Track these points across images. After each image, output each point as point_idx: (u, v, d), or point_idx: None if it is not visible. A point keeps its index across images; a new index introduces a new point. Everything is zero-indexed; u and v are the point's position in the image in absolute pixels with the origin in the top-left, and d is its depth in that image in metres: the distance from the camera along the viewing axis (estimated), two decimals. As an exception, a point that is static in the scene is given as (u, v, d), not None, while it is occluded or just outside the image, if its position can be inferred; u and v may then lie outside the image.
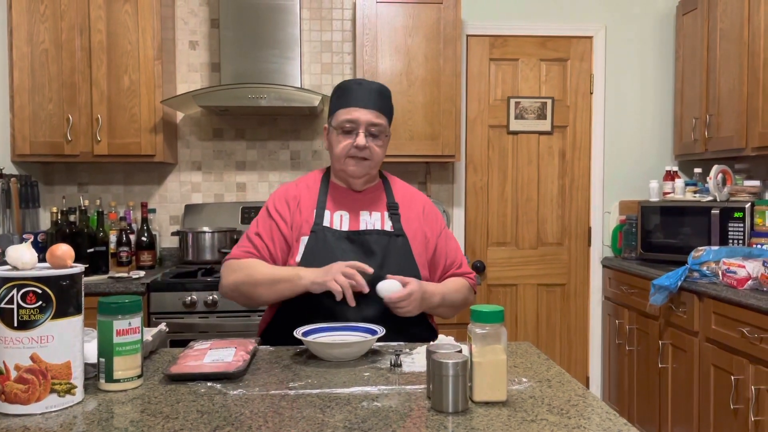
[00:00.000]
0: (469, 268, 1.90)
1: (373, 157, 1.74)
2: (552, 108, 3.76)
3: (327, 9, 3.63)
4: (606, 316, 3.73)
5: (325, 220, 1.75)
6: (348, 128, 1.72)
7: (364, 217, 1.77)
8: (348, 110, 1.72)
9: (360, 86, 1.75)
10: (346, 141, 1.73)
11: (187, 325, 2.87)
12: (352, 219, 1.77)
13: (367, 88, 1.75)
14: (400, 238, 1.75)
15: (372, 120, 1.72)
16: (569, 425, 1.11)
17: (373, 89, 1.75)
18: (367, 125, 1.72)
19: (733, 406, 2.47)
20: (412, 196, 1.87)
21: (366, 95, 1.73)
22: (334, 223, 1.75)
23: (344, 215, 1.77)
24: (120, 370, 1.28)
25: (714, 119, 3.27)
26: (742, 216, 2.92)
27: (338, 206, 1.78)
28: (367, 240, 1.72)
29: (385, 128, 1.76)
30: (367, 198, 1.81)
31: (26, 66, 3.10)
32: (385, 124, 1.76)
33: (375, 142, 1.74)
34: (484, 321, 1.20)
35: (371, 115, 1.72)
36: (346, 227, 1.75)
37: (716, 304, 2.61)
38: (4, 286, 1.15)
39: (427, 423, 1.11)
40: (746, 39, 2.99)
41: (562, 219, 3.81)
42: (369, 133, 1.73)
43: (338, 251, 1.69)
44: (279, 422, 1.12)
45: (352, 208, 1.78)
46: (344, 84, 1.78)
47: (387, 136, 1.79)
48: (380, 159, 1.78)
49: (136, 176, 3.58)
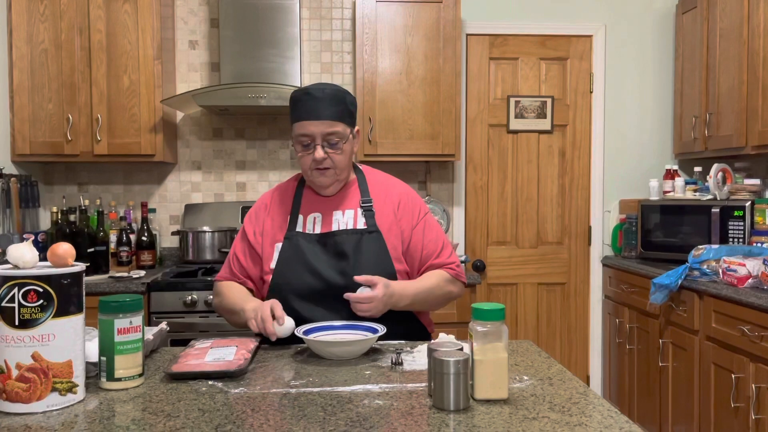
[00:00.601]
0: (455, 257, 1.84)
1: (336, 165, 1.71)
2: (552, 107, 3.76)
3: (327, 8, 3.63)
4: (606, 315, 3.73)
5: (298, 225, 1.76)
6: (305, 142, 1.69)
7: (336, 217, 1.77)
8: (301, 124, 1.68)
9: (309, 96, 1.68)
10: (307, 155, 1.70)
11: (187, 325, 2.87)
12: (325, 220, 1.77)
13: (316, 96, 1.67)
14: (373, 234, 1.74)
15: (326, 130, 1.67)
16: (571, 423, 1.11)
17: (324, 97, 1.67)
18: (322, 137, 1.67)
19: (734, 404, 2.47)
20: (388, 189, 1.83)
21: (316, 105, 1.66)
22: (307, 226, 1.76)
23: (317, 217, 1.77)
24: (121, 369, 1.29)
25: (714, 118, 3.27)
26: (742, 214, 2.92)
27: (311, 209, 1.79)
28: (337, 241, 1.72)
29: (343, 134, 1.70)
30: (338, 197, 1.80)
31: (26, 66, 3.10)
32: (342, 129, 1.69)
33: (335, 151, 1.69)
34: (485, 319, 1.20)
35: (324, 125, 1.67)
36: (319, 229, 1.76)
37: (717, 303, 2.61)
38: (6, 284, 1.15)
39: (428, 421, 1.11)
40: (746, 38, 2.99)
41: (562, 218, 3.81)
42: (327, 143, 1.68)
43: (310, 255, 1.71)
44: (280, 420, 1.12)
45: (324, 210, 1.78)
46: (295, 95, 1.71)
47: (350, 138, 1.73)
48: (345, 164, 1.74)
49: (136, 176, 3.58)
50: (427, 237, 1.80)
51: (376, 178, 1.86)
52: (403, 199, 1.82)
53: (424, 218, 1.82)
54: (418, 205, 1.83)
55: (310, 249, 1.72)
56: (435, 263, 1.80)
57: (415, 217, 1.81)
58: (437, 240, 1.82)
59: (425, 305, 1.78)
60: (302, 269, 1.70)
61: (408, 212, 1.81)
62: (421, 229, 1.80)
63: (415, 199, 1.85)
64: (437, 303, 1.80)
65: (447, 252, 1.83)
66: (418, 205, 1.84)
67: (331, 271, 1.69)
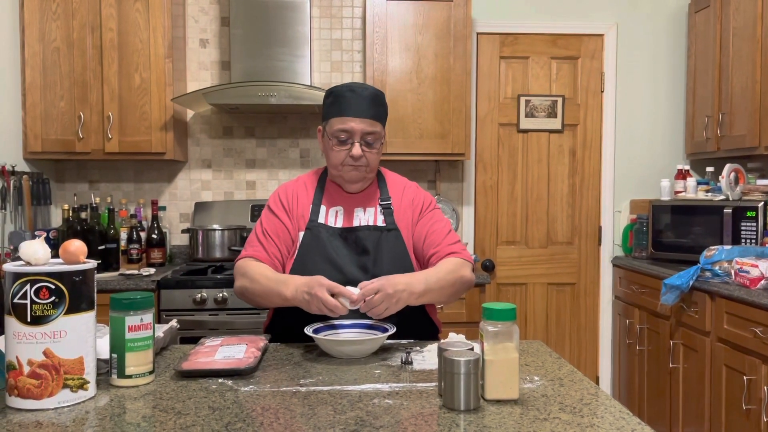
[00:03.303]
0: (461, 245, 1.80)
1: (370, 164, 1.74)
2: (562, 106, 3.74)
3: (337, 7, 3.63)
4: (616, 316, 3.71)
5: (320, 217, 1.77)
6: (343, 138, 1.71)
7: (358, 214, 1.79)
8: (342, 119, 1.70)
9: (353, 94, 1.71)
10: (342, 150, 1.71)
11: (197, 322, 2.88)
12: (347, 215, 1.78)
13: (361, 95, 1.71)
14: (392, 232, 1.75)
15: (367, 129, 1.70)
16: (582, 424, 1.10)
17: (367, 96, 1.71)
18: (362, 134, 1.70)
19: (746, 406, 2.45)
20: (403, 189, 1.86)
21: (360, 103, 1.70)
22: (329, 219, 1.77)
23: (339, 211, 1.79)
24: (132, 366, 1.29)
25: (726, 118, 3.25)
26: (754, 215, 2.89)
27: (334, 202, 1.80)
28: (359, 236, 1.73)
29: (380, 135, 1.74)
30: (361, 195, 1.82)
31: (38, 64, 3.12)
32: (380, 130, 1.74)
33: (370, 150, 1.72)
34: (496, 319, 1.20)
35: (365, 124, 1.70)
36: (341, 223, 1.77)
37: (728, 304, 2.59)
38: (18, 281, 1.15)
39: (438, 421, 1.11)
40: (759, 37, 2.96)
41: (572, 218, 3.79)
42: (364, 141, 1.71)
43: (331, 248, 1.71)
44: (290, 419, 1.12)
45: (347, 205, 1.80)
46: (337, 91, 1.73)
47: (382, 141, 1.77)
48: (376, 164, 1.78)
49: (146, 174, 3.59)
50: (434, 226, 1.80)
51: (394, 179, 1.88)
52: (416, 198, 1.84)
53: (431, 211, 1.84)
54: (428, 201, 1.86)
55: (331, 242, 1.72)
56: (440, 248, 1.77)
57: (425, 211, 1.83)
58: (443, 229, 1.81)
59: (441, 293, 1.68)
60: (323, 261, 1.70)
61: (419, 208, 1.83)
62: (428, 219, 1.82)
63: (426, 197, 1.88)
64: (453, 288, 1.70)
65: (453, 238, 1.80)
66: (429, 201, 1.87)
67: (352, 266, 1.70)
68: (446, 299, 1.73)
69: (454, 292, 1.72)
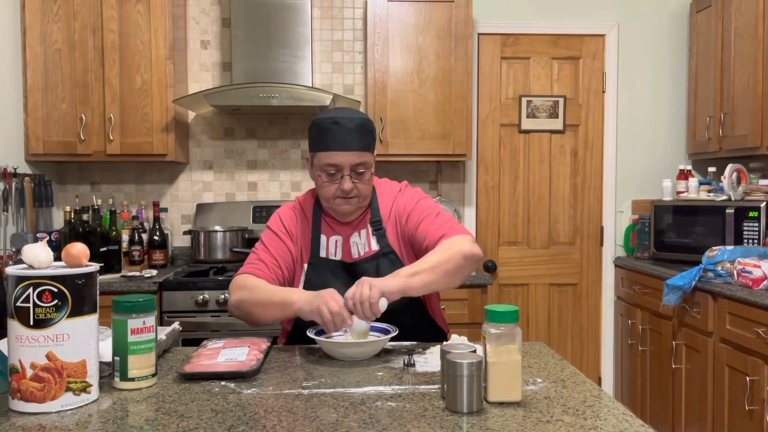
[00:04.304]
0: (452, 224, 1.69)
1: (361, 194, 1.68)
2: (564, 107, 3.74)
3: (338, 8, 3.63)
4: (618, 316, 3.71)
5: (321, 249, 1.74)
6: (332, 172, 1.65)
7: (354, 240, 1.75)
8: (329, 154, 1.63)
9: (338, 126, 1.63)
10: (332, 185, 1.66)
11: (199, 324, 2.88)
12: (345, 244, 1.75)
13: (346, 127, 1.63)
14: (388, 256, 1.72)
15: (355, 161, 1.64)
16: (585, 426, 1.10)
17: (352, 128, 1.63)
18: (351, 167, 1.64)
19: (748, 407, 2.45)
20: (392, 201, 1.78)
21: (345, 135, 1.62)
22: (330, 250, 1.75)
23: (338, 240, 1.75)
24: (134, 369, 1.29)
25: (728, 118, 3.24)
26: (757, 215, 2.89)
27: (332, 231, 1.76)
28: (359, 270, 1.70)
29: (369, 164, 1.67)
30: (355, 220, 1.77)
31: (39, 66, 3.12)
32: (369, 159, 1.67)
33: (361, 180, 1.66)
34: (498, 321, 1.20)
35: (353, 156, 1.63)
36: (340, 254, 1.74)
37: (731, 304, 2.59)
38: (21, 284, 1.15)
39: (441, 423, 1.11)
40: (761, 36, 2.96)
41: (573, 218, 3.79)
42: (354, 173, 1.65)
43: (335, 283, 1.65)
44: (293, 421, 1.11)
45: (343, 232, 1.76)
46: (322, 123, 1.65)
47: (372, 168, 1.70)
48: (369, 193, 1.71)
49: (148, 175, 3.59)
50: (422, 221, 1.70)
51: (385, 193, 1.80)
52: (398, 206, 1.76)
53: (414, 206, 1.74)
54: (411, 202, 1.76)
55: (335, 278, 1.70)
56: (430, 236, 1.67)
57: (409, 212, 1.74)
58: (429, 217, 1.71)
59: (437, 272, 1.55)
60: None
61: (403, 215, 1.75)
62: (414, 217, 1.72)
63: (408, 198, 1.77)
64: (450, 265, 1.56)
65: (441, 220, 1.70)
66: (411, 201, 1.76)
67: None
68: (448, 279, 1.57)
69: (454, 269, 1.57)
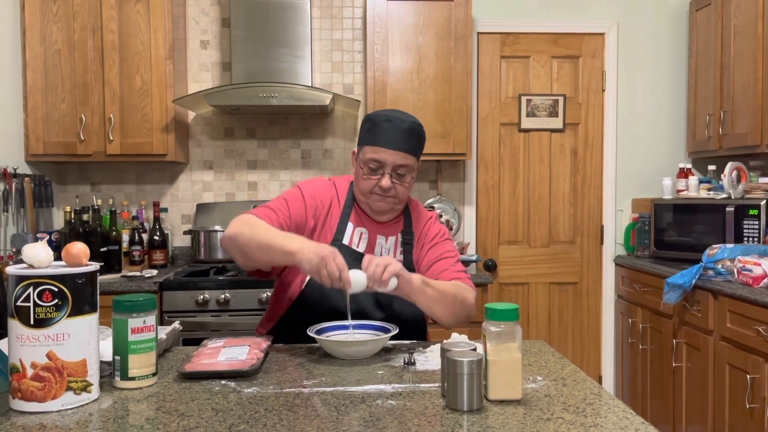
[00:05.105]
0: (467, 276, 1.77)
1: (399, 195, 1.69)
2: (564, 105, 3.74)
3: (338, 7, 3.63)
4: (619, 315, 3.71)
5: (345, 236, 1.73)
6: (374, 167, 1.67)
7: (380, 241, 1.76)
8: (375, 149, 1.66)
9: (390, 124, 1.66)
10: (372, 180, 1.68)
11: (199, 324, 2.88)
12: (369, 241, 1.75)
13: (398, 127, 1.65)
14: None
15: (399, 162, 1.65)
16: (585, 424, 1.10)
17: (404, 129, 1.66)
18: (393, 166, 1.66)
19: (749, 405, 2.45)
20: (425, 222, 1.83)
21: (395, 135, 1.65)
22: (354, 239, 1.74)
23: (364, 233, 1.75)
24: (135, 368, 1.29)
25: (728, 116, 3.24)
26: (757, 213, 2.89)
27: (360, 223, 1.76)
28: None
29: (412, 168, 1.69)
30: (386, 223, 1.78)
31: (39, 66, 3.13)
32: (413, 164, 1.69)
33: (401, 182, 1.68)
34: (499, 319, 1.20)
35: (398, 156, 1.65)
36: (363, 247, 1.74)
37: (731, 303, 2.59)
38: (21, 284, 1.16)
39: (442, 421, 1.11)
40: (760, 34, 2.96)
41: (574, 217, 3.79)
42: (395, 173, 1.67)
43: None
44: (294, 420, 1.12)
45: (371, 229, 1.76)
46: (375, 118, 1.69)
47: (414, 175, 1.72)
48: (406, 197, 1.73)
49: (148, 175, 3.59)
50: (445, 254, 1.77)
51: (419, 212, 1.84)
52: (431, 231, 1.81)
53: (444, 241, 1.80)
54: (443, 232, 1.82)
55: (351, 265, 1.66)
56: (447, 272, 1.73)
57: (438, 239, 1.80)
58: (453, 258, 1.78)
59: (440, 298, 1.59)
60: None
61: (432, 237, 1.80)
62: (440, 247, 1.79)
63: (441, 228, 1.84)
64: (453, 300, 1.62)
65: (460, 267, 1.78)
66: (443, 232, 1.83)
67: (367, 296, 1.65)
68: (446, 311, 1.61)
69: (455, 306, 1.62)
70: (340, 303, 1.62)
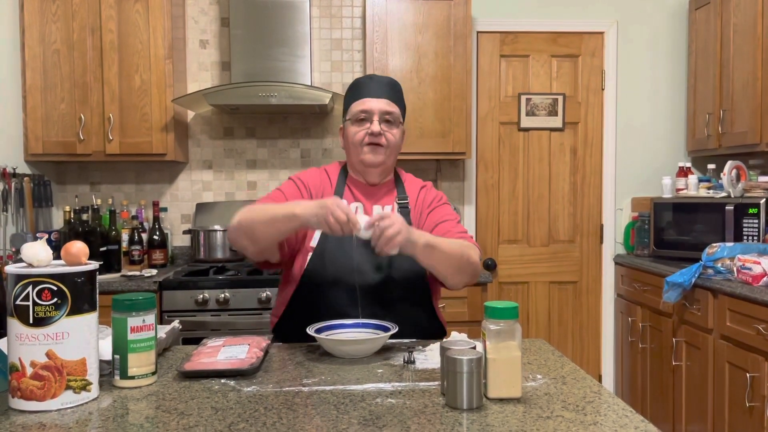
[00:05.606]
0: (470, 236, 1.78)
1: (389, 143, 1.77)
2: (563, 104, 3.74)
3: (337, 6, 3.63)
4: (619, 314, 3.71)
5: None
6: (362, 117, 1.76)
7: (376, 210, 1.80)
8: (361, 101, 1.77)
9: (371, 80, 1.81)
10: (361, 130, 1.76)
11: (199, 323, 2.88)
12: (367, 211, 1.80)
13: (378, 80, 1.81)
14: None
15: (385, 108, 1.76)
16: (585, 422, 1.10)
17: (384, 82, 1.81)
18: (380, 113, 1.76)
19: (749, 403, 2.45)
20: (419, 189, 1.88)
21: (377, 87, 1.79)
22: None
23: (359, 207, 1.81)
24: (134, 367, 1.29)
25: (727, 115, 3.24)
26: (756, 212, 2.89)
27: (354, 197, 1.82)
28: None
29: (398, 117, 1.79)
30: (381, 191, 1.84)
31: (38, 66, 3.12)
32: (398, 112, 1.79)
33: (390, 129, 1.77)
34: (498, 317, 1.20)
35: (383, 103, 1.76)
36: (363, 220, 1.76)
37: (731, 301, 2.59)
38: (20, 283, 1.15)
39: (441, 420, 1.11)
40: (760, 33, 2.96)
41: (573, 216, 3.79)
42: (383, 120, 1.76)
43: (349, 245, 1.71)
44: (293, 419, 1.12)
45: (366, 200, 1.82)
46: (356, 80, 1.84)
47: (401, 127, 1.81)
48: (396, 147, 1.80)
49: (147, 175, 3.59)
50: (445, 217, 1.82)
51: (411, 180, 1.91)
52: (428, 196, 1.87)
53: (443, 205, 1.87)
54: (440, 197, 1.89)
55: (349, 241, 1.71)
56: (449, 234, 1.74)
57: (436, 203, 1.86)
58: (453, 220, 1.83)
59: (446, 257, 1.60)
60: (341, 257, 1.70)
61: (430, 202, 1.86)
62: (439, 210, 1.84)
63: (438, 193, 1.91)
64: (458, 260, 1.62)
65: (462, 228, 1.81)
66: (440, 196, 1.89)
67: (368, 265, 1.70)
68: (451, 270, 1.63)
69: (460, 265, 1.63)
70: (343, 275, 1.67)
